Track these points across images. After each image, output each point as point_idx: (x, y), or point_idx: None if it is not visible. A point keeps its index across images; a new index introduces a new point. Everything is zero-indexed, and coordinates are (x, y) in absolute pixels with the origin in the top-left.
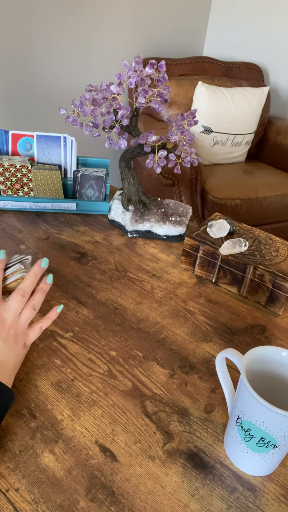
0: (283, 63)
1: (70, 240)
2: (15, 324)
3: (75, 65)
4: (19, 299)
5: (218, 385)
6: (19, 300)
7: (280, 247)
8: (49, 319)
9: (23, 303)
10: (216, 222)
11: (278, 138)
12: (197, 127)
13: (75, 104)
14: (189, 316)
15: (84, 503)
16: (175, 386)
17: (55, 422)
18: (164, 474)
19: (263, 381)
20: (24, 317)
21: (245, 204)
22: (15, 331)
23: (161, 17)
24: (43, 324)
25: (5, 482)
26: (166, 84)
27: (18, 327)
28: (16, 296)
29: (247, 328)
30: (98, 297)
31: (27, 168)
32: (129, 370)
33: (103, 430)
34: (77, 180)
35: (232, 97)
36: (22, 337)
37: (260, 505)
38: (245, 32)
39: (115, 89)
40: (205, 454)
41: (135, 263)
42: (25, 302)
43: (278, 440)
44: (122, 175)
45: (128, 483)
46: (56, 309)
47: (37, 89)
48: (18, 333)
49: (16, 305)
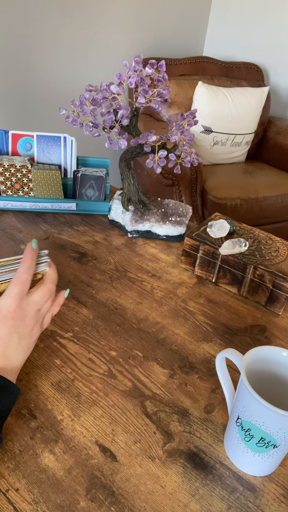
0: (283, 63)
1: (70, 240)
2: (35, 318)
3: (75, 65)
4: (46, 295)
5: (218, 385)
6: (44, 295)
7: (280, 247)
8: (58, 304)
9: (48, 297)
10: (216, 222)
11: (278, 138)
12: (197, 127)
13: (75, 104)
14: (189, 316)
15: (84, 503)
16: (175, 386)
17: (55, 422)
18: (164, 474)
19: (263, 381)
20: (43, 310)
21: (245, 204)
22: (34, 325)
23: (161, 17)
24: (54, 310)
25: (5, 482)
26: (166, 84)
27: (37, 320)
28: (42, 290)
29: (247, 328)
30: (98, 297)
31: (27, 168)
32: (129, 370)
33: (103, 430)
34: (77, 180)
35: (232, 97)
36: (38, 330)
37: (260, 505)
38: (245, 32)
39: (115, 89)
40: (205, 454)
41: (135, 263)
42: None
43: (278, 440)
44: (122, 175)
45: (128, 483)
46: (63, 294)
47: (37, 89)
48: (36, 327)
49: (40, 300)
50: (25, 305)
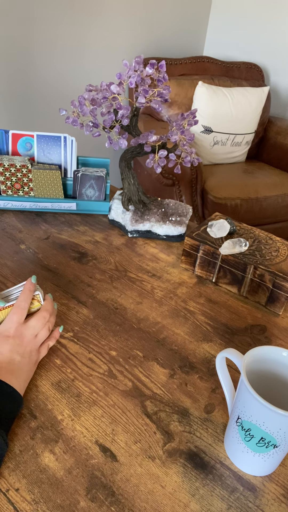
0: (283, 63)
1: (70, 240)
2: (32, 342)
3: (76, 65)
4: (40, 320)
5: (218, 385)
6: (39, 321)
7: (280, 247)
8: (54, 338)
9: (43, 324)
10: (216, 222)
11: (278, 138)
12: (197, 127)
13: (75, 104)
14: (189, 316)
15: (84, 503)
16: (175, 386)
17: (55, 422)
18: (164, 474)
19: (263, 381)
20: (40, 337)
21: (245, 204)
22: (31, 348)
23: (161, 17)
24: (50, 342)
25: (5, 482)
26: (166, 84)
27: (35, 344)
28: (37, 316)
29: (247, 328)
30: (98, 297)
31: (27, 168)
32: (129, 370)
33: (103, 430)
34: (77, 180)
35: (232, 97)
36: (36, 354)
37: (260, 505)
38: (245, 32)
39: (115, 89)
40: (205, 454)
41: (135, 263)
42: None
43: (278, 440)
44: (122, 175)
45: (128, 483)
46: (58, 329)
47: (37, 89)
48: (33, 350)
49: (36, 325)
50: (23, 329)
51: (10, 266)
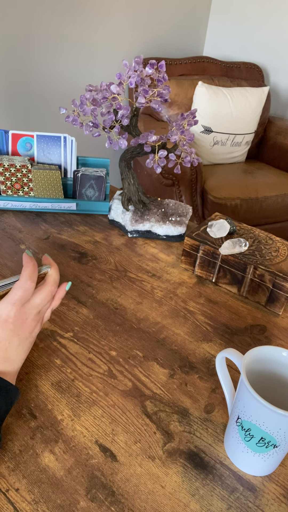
0: (283, 63)
1: (70, 240)
2: (35, 320)
3: (75, 65)
4: (46, 298)
5: (218, 385)
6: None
7: (280, 247)
8: (58, 299)
9: (48, 300)
10: (216, 222)
11: (278, 138)
12: (197, 127)
13: (75, 103)
14: (189, 316)
15: (84, 503)
16: (175, 386)
17: (55, 422)
18: (164, 474)
19: (263, 381)
20: (43, 310)
21: (245, 204)
22: (34, 327)
23: (161, 17)
24: (54, 305)
25: (5, 482)
26: (166, 84)
27: (38, 321)
28: (43, 292)
29: (247, 328)
30: (98, 297)
31: (27, 168)
32: (129, 370)
33: (103, 430)
34: (77, 180)
35: (232, 97)
36: (38, 329)
37: (260, 505)
38: (245, 32)
39: (115, 89)
40: (205, 454)
41: (135, 263)
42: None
43: (278, 440)
44: (122, 175)
45: (128, 483)
46: (64, 287)
47: (37, 89)
48: (36, 327)
49: (41, 303)
50: (26, 309)
51: (10, 266)
